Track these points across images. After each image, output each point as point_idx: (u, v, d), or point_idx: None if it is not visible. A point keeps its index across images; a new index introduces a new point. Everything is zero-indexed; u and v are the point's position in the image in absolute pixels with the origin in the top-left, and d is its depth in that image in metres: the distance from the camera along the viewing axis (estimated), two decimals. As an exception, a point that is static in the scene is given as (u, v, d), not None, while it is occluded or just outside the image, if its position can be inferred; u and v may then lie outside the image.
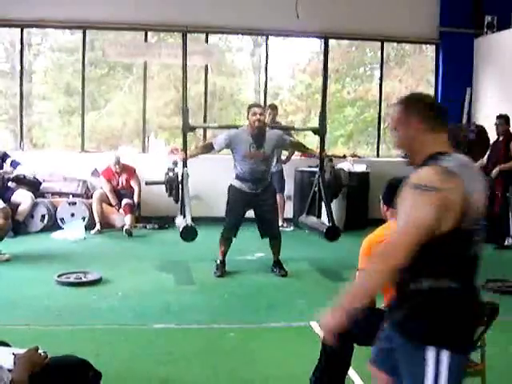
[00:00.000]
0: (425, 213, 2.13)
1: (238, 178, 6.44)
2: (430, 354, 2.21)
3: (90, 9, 9.23)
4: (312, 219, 6.88)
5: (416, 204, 2.16)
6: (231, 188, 6.51)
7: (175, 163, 6.72)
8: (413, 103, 2.39)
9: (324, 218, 6.75)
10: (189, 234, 6.14)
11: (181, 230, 6.18)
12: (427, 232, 2.14)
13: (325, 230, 6.29)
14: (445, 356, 2.22)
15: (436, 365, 2.21)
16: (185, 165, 6.63)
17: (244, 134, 6.36)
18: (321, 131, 6.92)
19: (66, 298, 5.53)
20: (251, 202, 6.46)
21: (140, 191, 8.92)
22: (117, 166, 8.83)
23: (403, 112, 2.38)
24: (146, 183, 7.68)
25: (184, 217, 6.37)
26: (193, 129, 6.83)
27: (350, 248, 3.64)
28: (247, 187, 6.41)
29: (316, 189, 6.85)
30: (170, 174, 6.62)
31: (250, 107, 6.42)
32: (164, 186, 6.72)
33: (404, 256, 2.13)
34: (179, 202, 6.68)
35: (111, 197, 8.76)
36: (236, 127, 6.69)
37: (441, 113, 2.39)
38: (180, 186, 6.59)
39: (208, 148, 6.69)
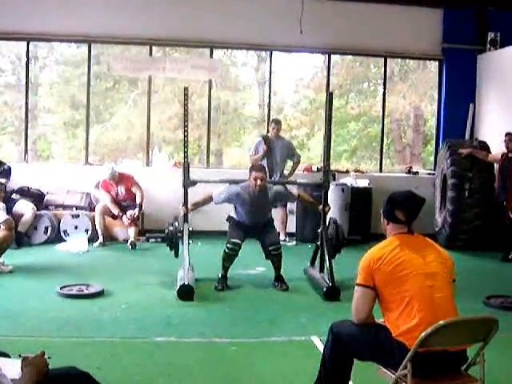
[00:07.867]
0: None
1: (237, 216, 6.66)
2: None
3: (95, 23, 9.32)
4: (315, 273, 6.90)
5: None
6: (230, 218, 6.72)
7: (176, 218, 6.70)
8: None
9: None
10: (185, 293, 5.99)
11: (178, 287, 6.08)
12: None
13: (324, 290, 6.28)
14: None
15: None
16: (186, 220, 6.66)
17: (245, 194, 6.47)
18: (324, 186, 6.93)
19: (68, 310, 5.54)
20: (251, 229, 6.61)
21: (142, 195, 8.80)
22: (112, 181, 8.81)
23: None
24: (148, 238, 8.32)
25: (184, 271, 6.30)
26: (194, 183, 6.83)
27: (352, 263, 3.65)
28: (247, 223, 6.62)
29: (319, 243, 6.91)
30: (171, 228, 6.55)
31: (251, 169, 6.53)
32: (165, 240, 6.65)
33: None
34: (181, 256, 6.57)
35: (112, 207, 8.68)
36: (237, 182, 6.71)
37: None
38: (180, 241, 6.58)
39: (207, 201, 6.74)
